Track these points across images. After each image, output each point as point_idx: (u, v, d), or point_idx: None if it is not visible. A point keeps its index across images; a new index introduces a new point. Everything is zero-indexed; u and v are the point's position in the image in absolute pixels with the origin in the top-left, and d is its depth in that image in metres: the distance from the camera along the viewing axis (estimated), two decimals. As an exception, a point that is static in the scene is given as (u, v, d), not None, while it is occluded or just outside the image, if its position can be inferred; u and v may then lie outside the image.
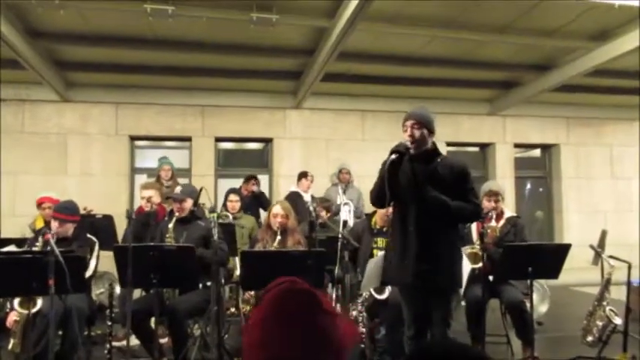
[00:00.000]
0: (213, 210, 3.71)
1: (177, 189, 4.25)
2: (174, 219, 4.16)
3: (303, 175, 7.10)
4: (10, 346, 3.73)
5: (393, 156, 2.99)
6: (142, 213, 5.20)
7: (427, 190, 3.04)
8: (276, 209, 4.46)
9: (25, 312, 3.56)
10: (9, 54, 5.92)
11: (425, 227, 3.06)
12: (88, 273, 3.96)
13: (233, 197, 6.04)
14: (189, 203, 4.21)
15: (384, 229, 4.54)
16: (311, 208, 3.82)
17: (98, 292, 5.94)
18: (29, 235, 4.91)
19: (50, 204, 5.18)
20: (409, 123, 3.14)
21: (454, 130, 9.00)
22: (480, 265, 3.93)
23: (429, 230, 3.07)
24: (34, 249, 3.82)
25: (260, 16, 5.44)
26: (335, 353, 1.10)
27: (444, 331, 3.15)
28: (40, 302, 3.60)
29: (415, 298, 3.20)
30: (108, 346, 3.96)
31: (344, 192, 7.09)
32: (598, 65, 6.69)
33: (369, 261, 3.98)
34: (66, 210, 4.16)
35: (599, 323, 4.12)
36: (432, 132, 3.19)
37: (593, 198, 9.45)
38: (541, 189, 9.94)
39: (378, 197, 3.15)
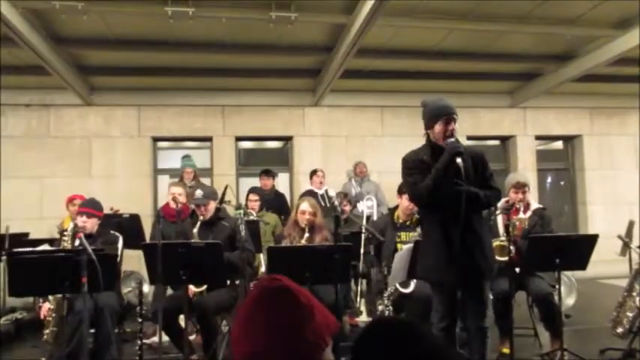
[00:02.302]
0: (239, 207, 3.74)
1: (198, 192, 4.24)
2: (198, 223, 4.16)
3: (313, 173, 7.16)
4: (44, 337, 3.83)
5: (459, 159, 2.93)
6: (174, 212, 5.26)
7: (464, 185, 3.00)
8: (304, 206, 4.45)
9: (60, 296, 3.65)
10: (34, 60, 6.06)
11: (467, 221, 3.01)
12: None
13: (253, 197, 6.09)
14: (212, 205, 4.23)
15: (407, 224, 4.55)
16: (336, 203, 3.84)
17: (126, 290, 6.05)
18: (57, 236, 5.02)
19: (80, 200, 5.28)
20: (452, 116, 3.07)
21: (474, 123, 8.94)
22: (507, 258, 3.90)
23: (470, 223, 3.03)
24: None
25: (279, 14, 5.48)
26: (311, 344, 1.16)
27: (480, 323, 3.13)
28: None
29: (449, 291, 3.17)
30: (139, 342, 4.04)
31: (359, 185, 7.10)
32: (620, 54, 6.58)
33: (395, 255, 3.98)
34: (92, 205, 4.27)
35: (630, 314, 4.07)
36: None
37: (617, 189, 9.29)
38: (563, 182, 9.82)
39: (432, 193, 3.02)
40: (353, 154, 8.34)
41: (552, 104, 9.07)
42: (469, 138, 8.90)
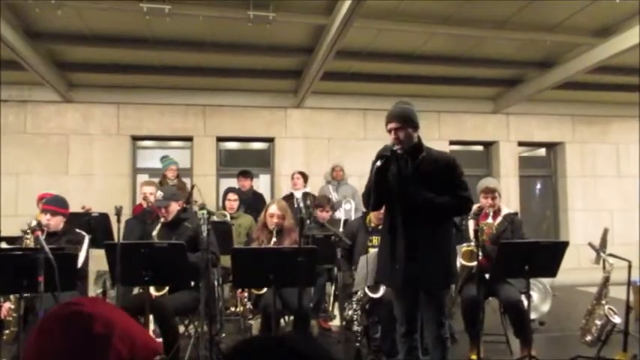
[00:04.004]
0: (203, 207, 3.67)
1: (159, 193, 4.19)
2: (159, 225, 4.09)
3: (291, 177, 7.11)
4: (4, 337, 3.74)
5: (379, 162, 2.95)
6: (140, 211, 5.21)
7: (411, 188, 3.00)
8: (272, 209, 4.38)
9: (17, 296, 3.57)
10: (10, 55, 5.95)
11: (413, 226, 3.02)
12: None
13: (232, 196, 6.03)
14: (173, 206, 4.16)
15: (379, 227, 4.50)
16: (301, 205, 3.78)
17: (99, 291, 5.95)
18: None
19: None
20: (392, 126, 3.06)
21: (458, 128, 8.95)
22: (475, 263, 3.87)
23: (417, 229, 3.02)
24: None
25: (257, 14, 5.41)
26: None
27: (438, 332, 3.09)
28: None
29: (405, 296, 3.15)
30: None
31: (336, 190, 7.05)
32: (601, 62, 6.59)
33: (360, 259, 3.93)
34: (56, 203, 4.17)
35: (598, 322, 4.05)
36: (416, 128, 3.12)
37: (598, 196, 9.33)
38: (547, 187, 9.83)
39: (368, 194, 3.09)
40: (335, 156, 8.28)
41: (535, 111, 9.09)
42: (452, 143, 8.92)
